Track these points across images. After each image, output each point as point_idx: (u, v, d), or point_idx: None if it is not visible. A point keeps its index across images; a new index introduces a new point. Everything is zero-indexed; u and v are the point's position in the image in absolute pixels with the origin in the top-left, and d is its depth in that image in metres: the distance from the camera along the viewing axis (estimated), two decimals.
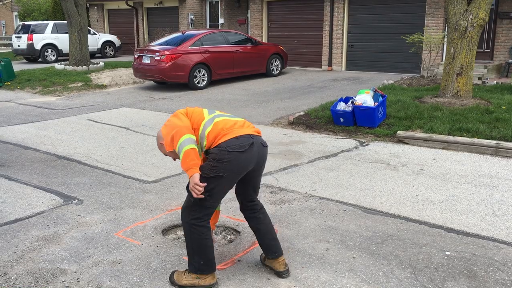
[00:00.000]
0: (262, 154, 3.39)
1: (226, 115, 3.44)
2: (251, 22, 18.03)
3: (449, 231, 4.23)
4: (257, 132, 3.40)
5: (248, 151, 3.23)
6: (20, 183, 5.67)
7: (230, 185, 3.35)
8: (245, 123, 3.42)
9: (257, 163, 3.37)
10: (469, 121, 7.58)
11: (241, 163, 3.23)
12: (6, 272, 3.62)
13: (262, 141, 3.39)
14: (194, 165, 3.17)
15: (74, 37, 16.03)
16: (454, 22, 8.88)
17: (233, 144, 3.19)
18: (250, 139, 3.27)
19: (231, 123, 3.33)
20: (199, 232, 3.29)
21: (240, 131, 3.28)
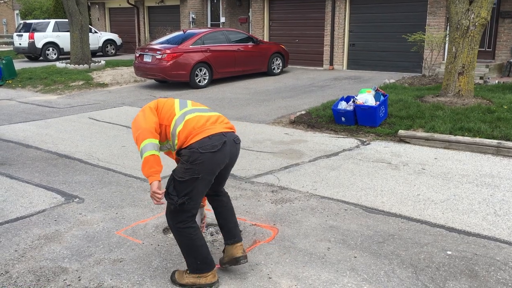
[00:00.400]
0: (235, 151, 3.39)
1: (199, 110, 3.39)
2: (252, 21, 18.01)
3: (450, 231, 4.23)
4: (230, 128, 3.37)
5: (221, 151, 3.21)
6: (21, 182, 5.67)
7: (207, 184, 3.31)
8: (218, 119, 3.37)
9: (230, 161, 3.38)
10: (470, 121, 7.57)
11: (215, 163, 3.21)
12: (7, 270, 3.62)
13: (234, 138, 3.36)
14: (153, 172, 3.15)
15: (75, 35, 16.03)
16: (456, 21, 8.87)
17: (205, 144, 3.16)
18: (222, 138, 3.24)
19: (203, 120, 3.28)
20: (187, 233, 3.27)
21: (212, 130, 3.24)
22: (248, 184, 5.50)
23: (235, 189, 5.33)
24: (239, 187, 5.38)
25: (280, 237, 4.13)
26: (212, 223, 4.43)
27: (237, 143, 3.40)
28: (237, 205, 4.83)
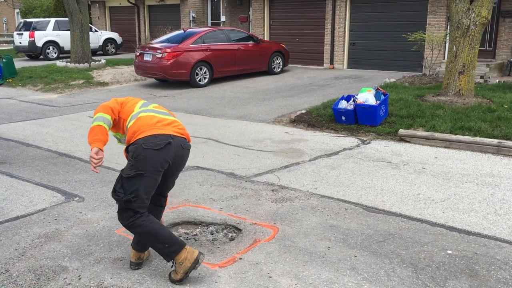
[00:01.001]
0: (181, 155, 3.42)
1: (155, 111, 3.49)
2: (252, 20, 18.00)
3: (450, 230, 4.23)
4: (181, 133, 3.44)
5: (163, 150, 3.26)
6: (21, 180, 5.67)
7: (154, 183, 3.35)
8: (173, 123, 3.45)
9: (174, 163, 3.41)
10: (471, 120, 7.57)
11: (157, 160, 3.26)
12: (7, 269, 3.62)
13: (182, 143, 3.41)
14: (95, 140, 3.27)
15: (75, 34, 16.02)
16: (456, 20, 8.86)
17: (149, 141, 3.24)
18: (168, 139, 3.30)
19: (154, 120, 3.37)
20: (141, 225, 3.31)
21: (160, 130, 3.32)
22: (249, 183, 5.50)
23: (235, 188, 5.33)
24: (239, 186, 5.38)
25: (280, 236, 4.12)
26: (213, 222, 4.44)
27: (184, 148, 3.43)
28: (237, 204, 4.84)
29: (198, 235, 4.22)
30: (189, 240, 4.11)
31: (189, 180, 5.63)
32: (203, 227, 4.37)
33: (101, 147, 3.29)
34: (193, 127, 8.44)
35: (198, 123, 8.80)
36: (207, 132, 8.01)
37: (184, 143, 3.44)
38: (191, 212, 4.66)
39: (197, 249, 3.45)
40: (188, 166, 6.15)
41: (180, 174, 5.75)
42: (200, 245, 4.00)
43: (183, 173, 5.86)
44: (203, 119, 9.20)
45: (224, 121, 8.99)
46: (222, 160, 6.42)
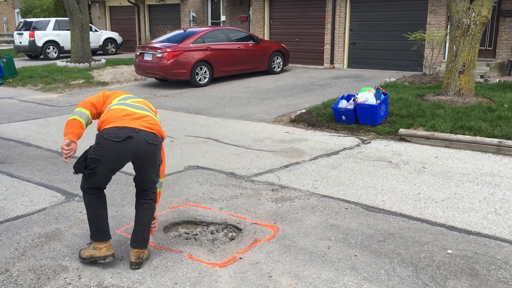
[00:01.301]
0: (144, 150, 3.46)
1: (130, 105, 3.60)
2: (253, 20, 18.00)
3: (451, 230, 4.22)
4: (149, 128, 3.50)
5: (123, 143, 3.38)
6: (22, 180, 5.67)
7: (109, 170, 3.53)
8: (143, 117, 3.53)
9: (138, 157, 3.49)
10: (471, 119, 7.57)
11: (115, 152, 3.41)
12: (8, 268, 3.62)
13: (148, 138, 3.46)
14: (68, 132, 3.52)
15: (75, 34, 16.02)
16: (456, 20, 8.85)
17: (111, 132, 3.40)
18: (130, 132, 3.40)
19: (123, 112, 3.50)
20: (88, 199, 3.58)
21: (126, 123, 3.43)
22: (249, 182, 5.50)
23: (235, 187, 5.33)
24: (239, 186, 5.38)
25: (280, 235, 4.12)
26: (213, 221, 4.44)
27: (149, 143, 3.47)
28: (237, 204, 4.84)
29: (198, 235, 4.22)
30: (190, 240, 4.11)
31: (189, 179, 5.63)
32: (203, 227, 4.37)
33: (74, 139, 3.51)
34: (193, 126, 8.44)
35: (198, 122, 8.80)
36: (207, 132, 8.01)
37: (150, 138, 3.48)
38: (191, 212, 4.66)
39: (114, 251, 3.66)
40: (188, 165, 6.16)
41: (180, 174, 5.80)
42: (201, 245, 4.00)
43: (183, 172, 5.87)
44: (203, 118, 9.20)
45: (224, 120, 8.99)
46: (222, 159, 6.42)
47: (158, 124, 3.63)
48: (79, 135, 3.54)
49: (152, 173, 3.67)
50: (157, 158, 3.63)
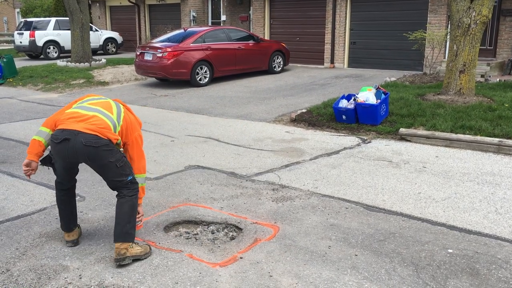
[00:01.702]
0: (82, 152, 3.58)
1: (82, 107, 3.78)
2: (253, 19, 18.00)
3: (451, 229, 4.22)
4: (91, 130, 3.58)
5: (61, 144, 3.60)
6: (22, 180, 5.67)
7: (62, 168, 3.82)
8: (89, 119, 3.64)
9: (80, 159, 3.66)
10: (471, 119, 7.56)
11: (56, 153, 3.69)
12: (8, 268, 3.62)
13: (85, 140, 3.55)
14: (28, 152, 3.81)
15: (76, 34, 16.03)
16: (457, 19, 8.85)
17: (55, 134, 3.66)
18: (69, 135, 3.57)
19: (70, 115, 3.71)
20: (56, 192, 4.00)
21: (69, 125, 3.63)
22: (249, 182, 5.50)
23: (235, 187, 5.33)
24: (240, 185, 5.38)
25: (281, 235, 4.12)
26: (213, 221, 4.44)
27: (86, 145, 3.55)
28: (238, 203, 4.84)
29: (198, 234, 4.22)
30: (190, 239, 4.12)
31: (189, 179, 5.63)
32: (204, 226, 4.37)
33: (33, 158, 3.79)
34: (194, 126, 8.44)
35: (198, 122, 8.80)
36: (208, 131, 8.01)
37: (87, 140, 3.55)
38: (191, 211, 4.66)
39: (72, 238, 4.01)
40: (189, 165, 6.16)
41: (181, 174, 5.80)
42: (201, 244, 4.00)
43: (184, 172, 5.87)
44: (203, 118, 9.20)
45: (224, 120, 8.99)
46: (222, 159, 6.42)
47: (104, 125, 3.65)
48: (39, 153, 3.81)
49: (109, 174, 3.72)
50: (104, 160, 3.63)
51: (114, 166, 3.68)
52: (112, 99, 3.99)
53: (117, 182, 3.75)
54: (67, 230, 4.01)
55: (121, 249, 3.62)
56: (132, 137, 3.84)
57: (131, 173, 3.80)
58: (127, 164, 3.78)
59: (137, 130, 3.93)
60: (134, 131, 3.86)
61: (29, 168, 3.80)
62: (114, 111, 3.80)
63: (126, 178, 3.75)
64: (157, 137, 7.70)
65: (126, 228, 3.69)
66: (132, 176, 3.81)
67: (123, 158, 3.76)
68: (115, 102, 3.96)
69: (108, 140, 3.62)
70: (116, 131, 3.71)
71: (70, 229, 4.00)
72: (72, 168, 3.87)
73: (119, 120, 3.76)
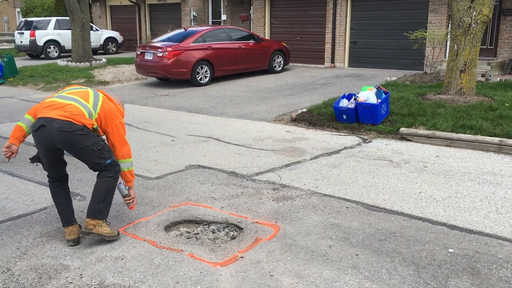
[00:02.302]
0: (57, 137, 3.74)
1: (60, 96, 3.94)
2: (253, 19, 17.99)
3: (452, 228, 4.22)
4: (65, 117, 3.76)
5: (38, 131, 3.77)
6: (23, 179, 5.68)
7: (45, 157, 3.97)
8: (64, 107, 3.82)
9: (58, 144, 3.80)
10: (472, 118, 7.56)
11: (36, 140, 3.85)
12: (9, 268, 3.63)
13: (59, 126, 3.73)
14: (10, 136, 3.99)
15: (76, 33, 16.03)
16: (457, 19, 8.84)
17: (34, 122, 3.84)
18: (44, 122, 3.75)
19: (46, 104, 3.88)
20: (50, 188, 4.13)
21: (45, 113, 3.79)
22: (250, 182, 5.50)
23: (236, 186, 5.33)
24: (240, 185, 5.38)
25: (281, 234, 4.13)
26: (214, 221, 4.44)
27: (60, 131, 3.73)
28: (238, 203, 4.84)
29: (199, 234, 4.22)
30: (191, 239, 4.12)
31: (190, 179, 5.63)
32: (205, 226, 4.38)
33: (13, 142, 3.95)
34: (194, 125, 8.44)
35: (199, 122, 8.80)
36: (208, 131, 8.01)
37: (61, 126, 3.72)
38: (192, 211, 4.66)
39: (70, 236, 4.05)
40: (189, 165, 6.16)
41: (181, 173, 5.80)
42: (202, 244, 4.01)
43: (184, 172, 5.87)
44: (204, 118, 9.20)
45: (225, 120, 8.99)
46: (223, 158, 6.42)
47: (78, 112, 3.82)
48: (19, 137, 3.96)
49: (87, 157, 3.93)
50: (80, 144, 3.81)
51: (91, 150, 3.86)
52: (93, 89, 4.14)
53: (96, 165, 3.96)
54: (67, 223, 4.03)
55: (89, 224, 3.91)
56: (112, 125, 4.00)
57: (111, 157, 4.00)
58: (105, 148, 3.96)
59: (118, 118, 4.07)
60: (114, 119, 4.01)
61: (9, 150, 3.98)
62: (91, 100, 3.96)
63: (105, 161, 3.95)
64: (157, 136, 7.70)
65: (99, 207, 3.94)
66: (112, 159, 4.00)
67: (101, 142, 3.94)
68: (94, 91, 4.10)
69: (82, 125, 3.80)
70: (92, 118, 3.88)
71: (70, 222, 4.04)
72: (55, 157, 4.00)
73: (96, 108, 3.93)
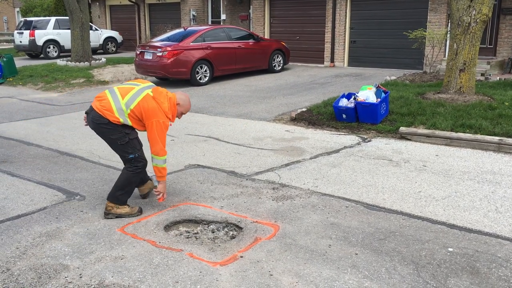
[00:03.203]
0: (92, 125, 4.44)
1: (110, 90, 4.45)
2: (253, 18, 17.99)
3: (451, 228, 4.22)
4: (98, 110, 4.33)
5: (88, 115, 4.45)
6: (22, 179, 5.67)
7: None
8: (101, 100, 4.38)
9: (94, 131, 4.48)
10: (472, 117, 7.56)
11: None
12: (9, 267, 3.63)
13: (93, 117, 4.38)
14: None
15: (76, 33, 16.02)
16: (457, 18, 8.84)
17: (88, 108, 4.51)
18: (89, 110, 4.44)
19: (98, 94, 4.50)
20: None
21: (93, 102, 4.44)
22: (249, 181, 5.50)
23: (236, 186, 5.33)
24: (240, 184, 5.38)
25: (281, 234, 4.13)
26: (214, 220, 4.44)
27: (93, 122, 4.41)
28: (238, 203, 4.84)
29: (199, 233, 4.22)
30: (190, 238, 4.12)
31: (189, 178, 5.63)
32: (204, 225, 4.38)
33: None
34: (194, 125, 8.44)
35: (198, 121, 8.80)
36: (208, 131, 8.01)
37: (94, 117, 4.38)
38: (192, 211, 4.66)
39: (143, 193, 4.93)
40: (189, 164, 6.16)
41: (181, 173, 5.81)
42: (201, 243, 4.01)
43: (184, 171, 5.87)
44: (203, 117, 9.19)
45: (224, 119, 8.98)
46: (222, 158, 6.42)
47: (107, 107, 4.33)
48: None
49: (114, 148, 4.50)
50: (106, 135, 4.41)
51: (116, 143, 4.42)
52: (145, 86, 4.48)
53: (121, 156, 4.54)
54: (139, 185, 4.79)
55: (108, 205, 4.47)
56: (148, 121, 4.31)
57: (134, 152, 4.44)
58: (129, 144, 4.41)
59: (155, 117, 4.30)
60: (150, 117, 4.29)
61: None
62: (128, 96, 4.34)
63: (128, 155, 4.45)
64: None
65: (116, 194, 4.45)
66: (135, 155, 4.44)
67: (126, 138, 4.38)
68: (141, 89, 4.43)
69: (107, 119, 4.31)
70: (119, 115, 4.31)
71: (140, 183, 4.80)
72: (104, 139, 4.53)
73: (130, 105, 4.31)
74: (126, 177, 4.49)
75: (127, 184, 4.49)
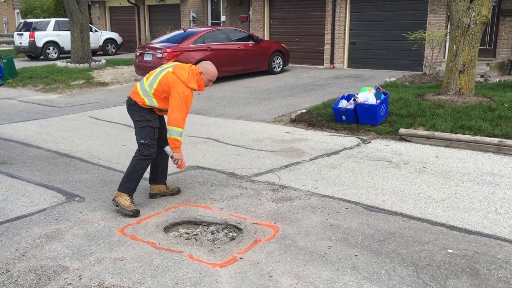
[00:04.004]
0: (126, 109, 4.79)
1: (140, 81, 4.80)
2: (253, 20, 18.00)
3: (451, 229, 4.22)
4: (131, 95, 4.73)
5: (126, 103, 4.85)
6: (22, 181, 5.67)
7: None
8: (134, 88, 4.76)
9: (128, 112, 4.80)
10: (471, 119, 7.56)
11: None
12: (8, 269, 3.62)
13: (126, 101, 4.81)
14: None
15: (75, 34, 16.02)
16: (456, 19, 8.85)
17: None
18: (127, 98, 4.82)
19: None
20: None
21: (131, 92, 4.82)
22: (249, 182, 5.50)
23: (235, 187, 5.33)
24: (239, 186, 5.38)
25: (281, 235, 4.13)
26: (213, 221, 4.44)
27: (126, 104, 4.79)
28: (238, 204, 4.84)
29: (198, 235, 4.22)
30: (190, 240, 4.12)
31: (189, 179, 5.63)
32: (204, 227, 4.37)
33: None
34: (194, 127, 8.43)
35: (198, 123, 8.80)
36: (208, 132, 8.01)
37: (127, 101, 4.79)
38: (191, 212, 4.66)
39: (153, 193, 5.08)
40: (188, 166, 6.16)
41: (180, 174, 5.81)
42: (201, 245, 4.00)
43: (184, 173, 5.87)
44: (203, 119, 9.20)
45: (224, 120, 8.99)
46: (222, 159, 6.42)
47: (135, 90, 4.71)
48: None
49: (135, 131, 4.74)
50: (132, 116, 4.71)
51: (137, 125, 4.68)
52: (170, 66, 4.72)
53: (136, 139, 4.72)
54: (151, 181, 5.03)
55: (116, 194, 4.65)
56: (172, 91, 4.53)
57: (146, 139, 4.62)
58: (145, 129, 4.62)
59: (175, 88, 4.51)
60: (173, 88, 4.51)
61: None
62: (151, 77, 4.67)
63: (140, 139, 4.66)
64: None
65: (123, 181, 4.65)
66: (145, 141, 4.62)
67: (145, 123, 4.61)
68: (163, 69, 4.69)
69: (134, 101, 4.65)
70: (144, 95, 4.62)
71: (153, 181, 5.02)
72: None
73: (153, 84, 4.60)
74: (133, 164, 4.68)
75: (133, 172, 4.65)
